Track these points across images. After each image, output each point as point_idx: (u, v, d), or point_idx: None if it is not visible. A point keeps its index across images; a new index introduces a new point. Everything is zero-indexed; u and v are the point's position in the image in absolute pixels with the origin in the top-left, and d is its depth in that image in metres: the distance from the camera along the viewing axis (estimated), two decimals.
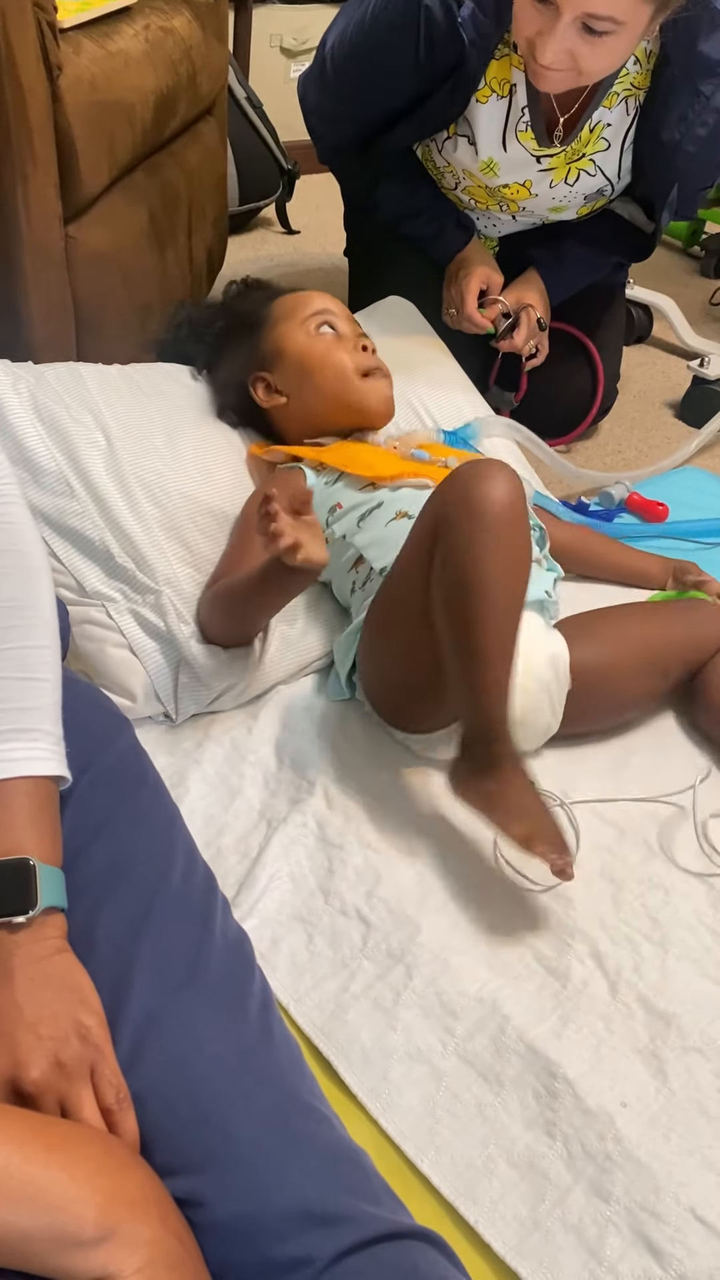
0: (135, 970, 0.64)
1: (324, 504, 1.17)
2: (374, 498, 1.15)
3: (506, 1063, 0.85)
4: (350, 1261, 0.57)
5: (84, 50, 1.37)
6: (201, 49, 1.66)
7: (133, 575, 1.12)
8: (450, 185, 1.61)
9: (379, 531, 1.11)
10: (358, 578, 1.13)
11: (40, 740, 0.66)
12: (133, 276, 1.57)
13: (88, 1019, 0.61)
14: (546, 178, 1.53)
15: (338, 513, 1.16)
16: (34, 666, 0.68)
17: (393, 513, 1.12)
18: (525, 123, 1.45)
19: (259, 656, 1.15)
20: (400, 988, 0.89)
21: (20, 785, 0.64)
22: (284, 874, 0.98)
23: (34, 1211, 0.49)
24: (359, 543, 1.12)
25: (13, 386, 1.16)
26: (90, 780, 0.71)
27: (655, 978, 0.92)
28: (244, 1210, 0.58)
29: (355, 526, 1.13)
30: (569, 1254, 0.75)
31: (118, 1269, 0.50)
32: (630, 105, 1.45)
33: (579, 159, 1.50)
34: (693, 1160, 0.80)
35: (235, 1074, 0.63)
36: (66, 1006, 0.60)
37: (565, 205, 1.59)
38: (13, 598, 0.69)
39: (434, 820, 1.05)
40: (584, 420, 1.81)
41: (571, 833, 0.99)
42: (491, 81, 1.43)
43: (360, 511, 1.14)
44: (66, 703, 0.75)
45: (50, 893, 0.63)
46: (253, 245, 2.55)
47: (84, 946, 0.65)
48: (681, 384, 2.07)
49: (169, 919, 0.68)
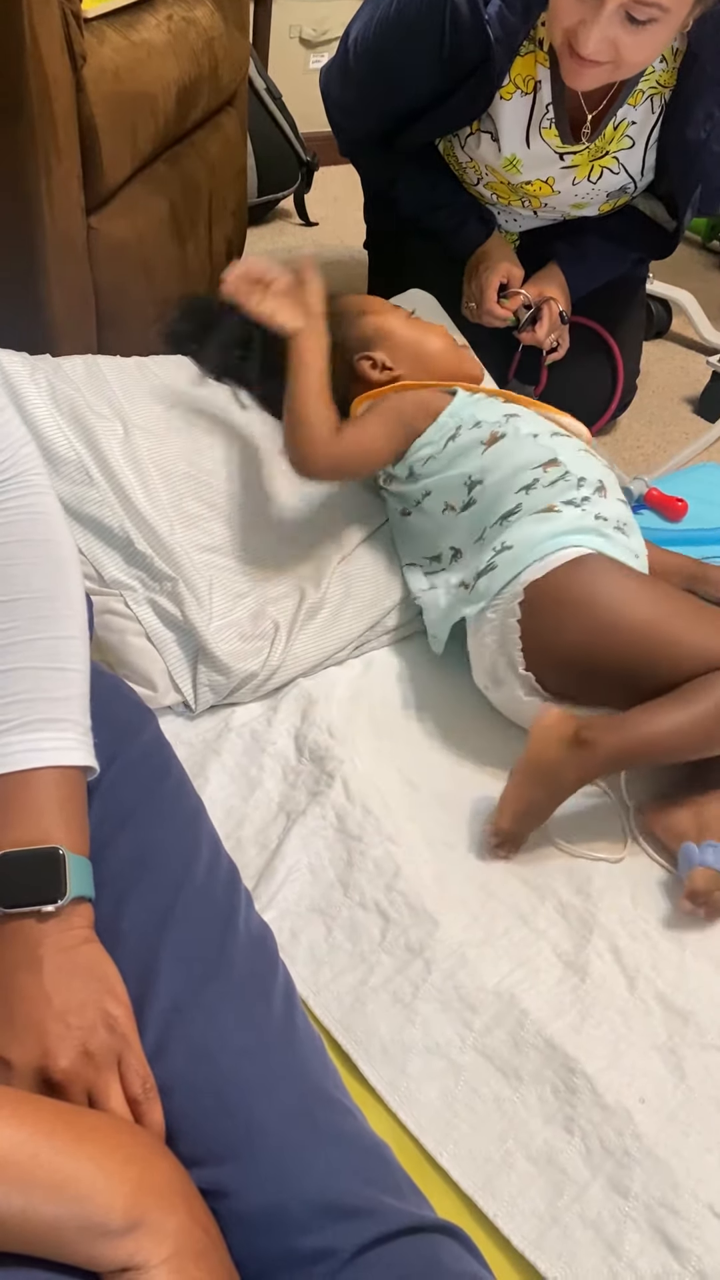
0: (161, 961, 0.65)
1: (497, 409, 1.22)
2: (554, 426, 1.23)
3: (525, 1057, 0.85)
4: (373, 1254, 0.57)
5: (108, 40, 1.37)
6: (223, 40, 1.66)
7: (150, 563, 1.13)
8: (472, 181, 1.60)
9: (573, 453, 1.17)
10: (545, 477, 1.14)
11: (69, 730, 0.66)
12: (154, 267, 1.57)
13: (115, 1009, 0.61)
14: (569, 175, 1.52)
15: (519, 419, 1.20)
16: (64, 657, 0.68)
17: (578, 445, 1.20)
18: (549, 119, 1.44)
19: (277, 648, 1.15)
20: (419, 981, 0.90)
21: (49, 775, 0.64)
22: (303, 866, 0.98)
23: (63, 1200, 0.50)
24: (557, 449, 1.16)
25: (30, 377, 1.17)
26: (117, 772, 0.71)
27: (673, 975, 0.92)
28: (269, 1201, 0.58)
29: (549, 436, 1.19)
30: (587, 1249, 0.75)
31: (145, 1258, 0.51)
32: (655, 103, 1.44)
33: (602, 156, 1.50)
34: (711, 1157, 0.80)
35: (261, 1065, 0.64)
36: (94, 996, 0.60)
37: (587, 202, 1.58)
38: (44, 588, 0.68)
39: (453, 813, 1.05)
40: (602, 415, 1.80)
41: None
42: (516, 78, 1.42)
43: (551, 428, 1.21)
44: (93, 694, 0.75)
45: (78, 882, 0.63)
46: (271, 237, 2.54)
47: (110, 937, 0.65)
48: (700, 379, 2.06)
49: (194, 912, 0.68)
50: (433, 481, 1.21)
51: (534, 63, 1.41)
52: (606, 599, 1.05)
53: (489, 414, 1.21)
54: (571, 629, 1.04)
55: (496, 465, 1.16)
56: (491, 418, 1.20)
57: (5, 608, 0.67)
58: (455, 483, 1.19)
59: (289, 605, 1.18)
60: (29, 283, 1.38)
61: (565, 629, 1.04)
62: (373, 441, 1.22)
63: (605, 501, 1.12)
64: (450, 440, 1.20)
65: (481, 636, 1.10)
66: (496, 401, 1.25)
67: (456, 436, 1.20)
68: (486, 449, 1.17)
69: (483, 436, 1.18)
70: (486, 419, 1.20)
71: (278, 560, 1.22)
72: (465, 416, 1.21)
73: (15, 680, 0.65)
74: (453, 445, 1.20)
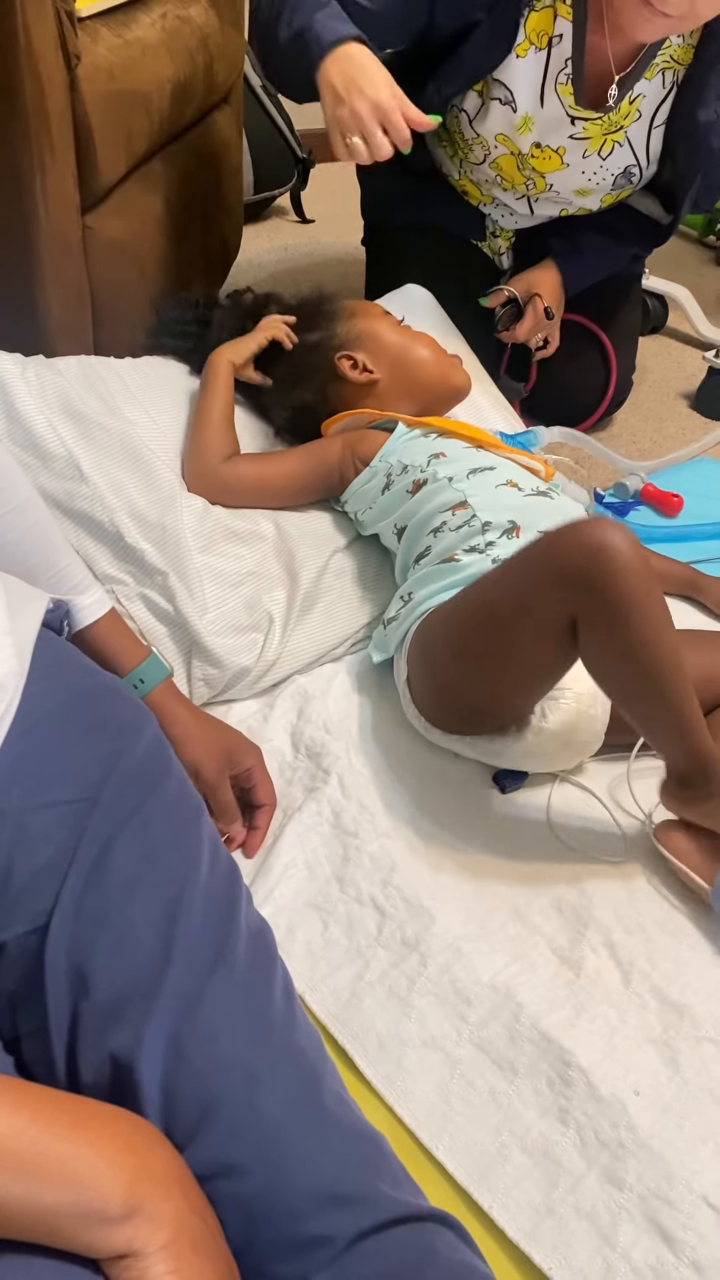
0: (171, 950, 0.65)
1: (424, 450, 1.21)
2: (485, 458, 1.20)
3: (520, 1050, 0.86)
4: (369, 1242, 0.58)
5: (101, 39, 1.37)
6: (218, 38, 1.66)
7: (141, 557, 1.13)
8: (478, 159, 1.56)
9: (490, 491, 1.15)
10: (453, 521, 1.13)
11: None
12: (149, 266, 1.57)
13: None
14: (581, 146, 1.49)
15: (442, 460, 1.19)
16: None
17: (504, 479, 1.16)
18: (566, 75, 1.41)
19: (272, 641, 1.15)
20: (415, 975, 0.90)
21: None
22: (299, 862, 0.99)
23: (61, 1187, 0.50)
24: (468, 491, 1.14)
25: (21, 374, 1.18)
26: (123, 771, 0.72)
27: (669, 968, 0.93)
28: (267, 1186, 0.59)
29: (465, 477, 1.16)
30: (582, 1240, 0.75)
31: (142, 1245, 0.51)
32: (667, 78, 1.43)
33: (615, 131, 1.47)
34: (705, 1148, 0.80)
35: (264, 1052, 0.64)
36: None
37: (592, 188, 1.56)
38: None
39: (450, 809, 1.05)
40: (595, 412, 1.80)
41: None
42: (531, 34, 1.39)
43: (472, 465, 1.18)
44: (94, 693, 0.76)
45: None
46: (268, 234, 2.54)
47: (120, 926, 0.66)
48: (696, 374, 2.06)
49: (199, 905, 0.68)
50: (375, 529, 1.25)
51: (551, 17, 1.37)
52: (438, 617, 1.06)
53: (415, 457, 1.20)
54: (428, 663, 1.06)
55: (417, 509, 1.17)
56: (417, 461, 1.20)
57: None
58: (388, 530, 1.22)
59: (282, 596, 1.19)
60: (24, 282, 1.38)
61: (425, 665, 1.06)
62: (271, 482, 1.26)
63: (514, 542, 1.07)
64: (385, 490, 1.21)
65: (397, 680, 1.12)
66: (429, 440, 1.23)
67: (389, 486, 1.21)
68: (411, 496, 1.18)
69: (407, 484, 1.19)
70: (413, 463, 1.20)
71: (272, 550, 1.23)
72: (394, 462, 1.22)
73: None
74: (387, 495, 1.21)
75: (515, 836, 1.03)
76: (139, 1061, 0.61)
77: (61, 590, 0.87)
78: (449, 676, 1.04)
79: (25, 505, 0.85)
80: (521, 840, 1.03)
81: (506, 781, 1.08)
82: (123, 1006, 0.63)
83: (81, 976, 0.64)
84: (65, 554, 0.89)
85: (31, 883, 0.65)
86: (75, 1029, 0.63)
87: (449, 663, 1.03)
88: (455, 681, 1.04)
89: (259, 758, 1.02)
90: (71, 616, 0.89)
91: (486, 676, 1.01)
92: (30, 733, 0.70)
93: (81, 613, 0.89)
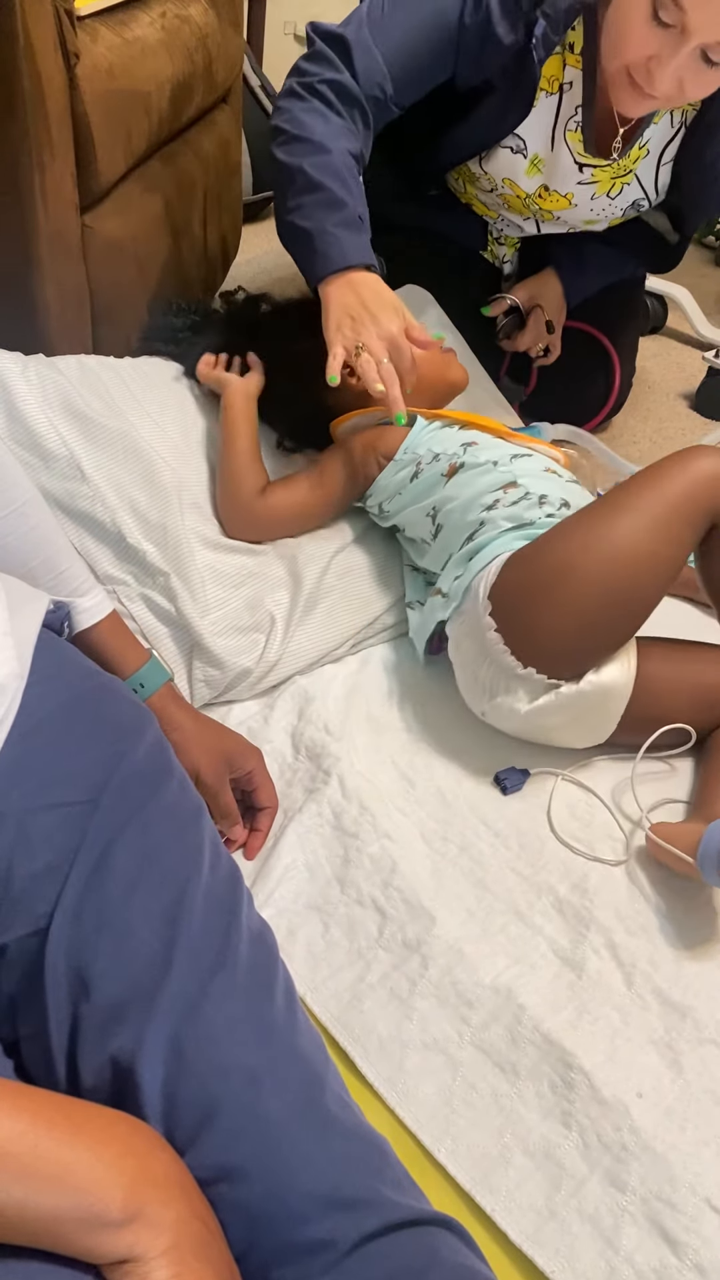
0: (173, 952, 0.65)
1: (453, 439, 1.22)
2: (517, 447, 1.21)
3: (522, 1053, 0.85)
4: (372, 1246, 0.57)
5: (101, 38, 1.36)
6: (217, 37, 1.65)
7: (143, 557, 1.13)
8: (485, 188, 1.55)
9: (538, 475, 1.17)
10: (506, 498, 1.13)
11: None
12: (148, 265, 1.57)
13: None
14: (589, 190, 1.48)
15: (476, 447, 1.20)
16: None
17: (544, 465, 1.19)
18: (576, 123, 1.40)
19: (273, 643, 1.15)
20: (416, 977, 0.90)
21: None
22: (300, 864, 0.98)
23: (62, 1192, 0.50)
24: (517, 473, 1.16)
25: (22, 374, 1.17)
26: (124, 772, 0.72)
27: (670, 970, 0.92)
28: (269, 1190, 0.58)
29: (509, 461, 1.18)
30: (585, 1243, 0.75)
31: (143, 1250, 0.51)
32: (675, 118, 1.42)
33: (624, 175, 1.46)
34: (708, 1151, 0.80)
35: (265, 1055, 0.64)
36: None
37: (599, 219, 1.55)
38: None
39: (450, 810, 1.05)
40: (597, 415, 1.80)
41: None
42: (543, 79, 1.37)
43: (510, 451, 1.19)
44: (95, 695, 0.76)
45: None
46: (266, 234, 2.54)
47: (121, 928, 0.65)
48: (696, 375, 2.06)
49: (200, 907, 0.68)
50: (400, 518, 1.24)
51: (561, 64, 1.35)
52: (555, 558, 1.04)
53: (446, 445, 1.21)
54: (541, 602, 1.03)
55: (457, 494, 1.17)
56: (449, 449, 1.20)
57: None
58: (419, 515, 1.21)
59: (285, 597, 1.18)
60: (23, 282, 1.37)
61: (536, 605, 1.03)
62: (310, 508, 1.26)
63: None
64: (414, 478, 1.21)
65: (459, 640, 1.10)
66: (454, 430, 1.24)
67: (419, 474, 1.21)
68: (447, 481, 1.18)
69: (442, 469, 1.19)
70: (445, 450, 1.20)
71: (274, 551, 1.23)
72: (423, 451, 1.22)
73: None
74: (416, 483, 1.21)
75: (517, 837, 1.03)
76: (140, 1064, 0.61)
77: (62, 592, 0.87)
78: (557, 605, 1.02)
79: (26, 508, 0.85)
80: (523, 841, 1.02)
81: (508, 782, 1.08)
82: (123, 1009, 0.63)
83: (82, 979, 0.63)
84: (66, 556, 0.89)
85: (32, 885, 0.65)
86: (76, 1032, 0.63)
87: (557, 589, 1.02)
88: (570, 609, 1.02)
89: (259, 761, 1.01)
90: (72, 618, 0.88)
91: (610, 590, 1.02)
92: (31, 734, 0.69)
93: (82, 615, 0.89)
